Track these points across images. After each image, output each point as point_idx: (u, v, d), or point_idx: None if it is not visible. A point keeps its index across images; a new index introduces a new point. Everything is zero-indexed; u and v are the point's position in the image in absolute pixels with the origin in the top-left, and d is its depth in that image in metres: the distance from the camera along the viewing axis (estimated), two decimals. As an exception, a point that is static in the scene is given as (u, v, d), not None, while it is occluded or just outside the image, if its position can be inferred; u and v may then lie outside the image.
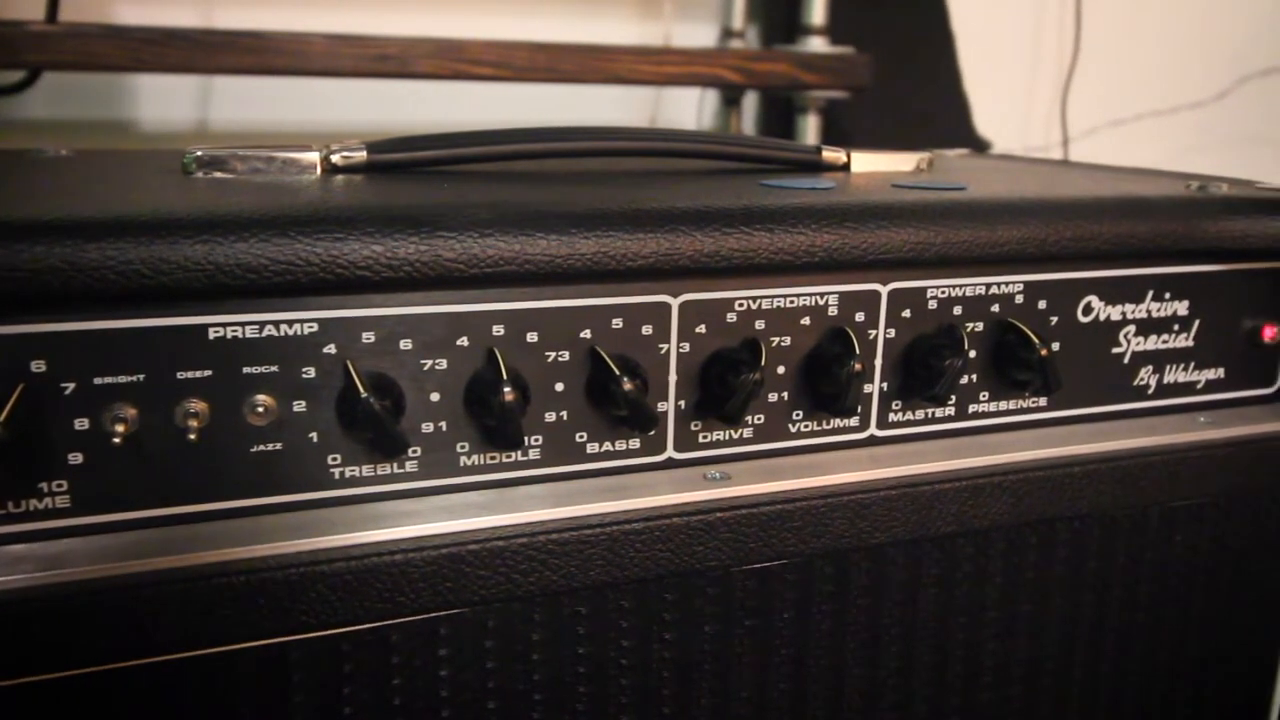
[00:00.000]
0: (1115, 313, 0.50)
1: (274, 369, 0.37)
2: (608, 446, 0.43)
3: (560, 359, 0.41)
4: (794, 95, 1.16)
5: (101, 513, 0.36)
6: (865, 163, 0.57)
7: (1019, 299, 0.48)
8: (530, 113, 1.18)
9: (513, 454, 0.41)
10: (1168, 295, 0.51)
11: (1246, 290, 0.53)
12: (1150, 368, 0.52)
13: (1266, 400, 0.55)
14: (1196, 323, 0.52)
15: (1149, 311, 0.51)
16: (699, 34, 1.23)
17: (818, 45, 1.14)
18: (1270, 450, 0.52)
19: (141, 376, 0.36)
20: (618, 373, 0.40)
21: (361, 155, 0.48)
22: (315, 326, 0.38)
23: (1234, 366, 0.54)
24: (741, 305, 0.43)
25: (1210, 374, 0.53)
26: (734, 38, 1.19)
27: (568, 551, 0.40)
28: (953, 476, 0.46)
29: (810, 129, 1.16)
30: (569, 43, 1.03)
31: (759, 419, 0.45)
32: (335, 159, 0.48)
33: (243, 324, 0.37)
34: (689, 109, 1.25)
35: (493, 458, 0.41)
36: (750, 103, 1.27)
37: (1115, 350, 0.51)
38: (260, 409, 0.37)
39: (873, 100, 1.18)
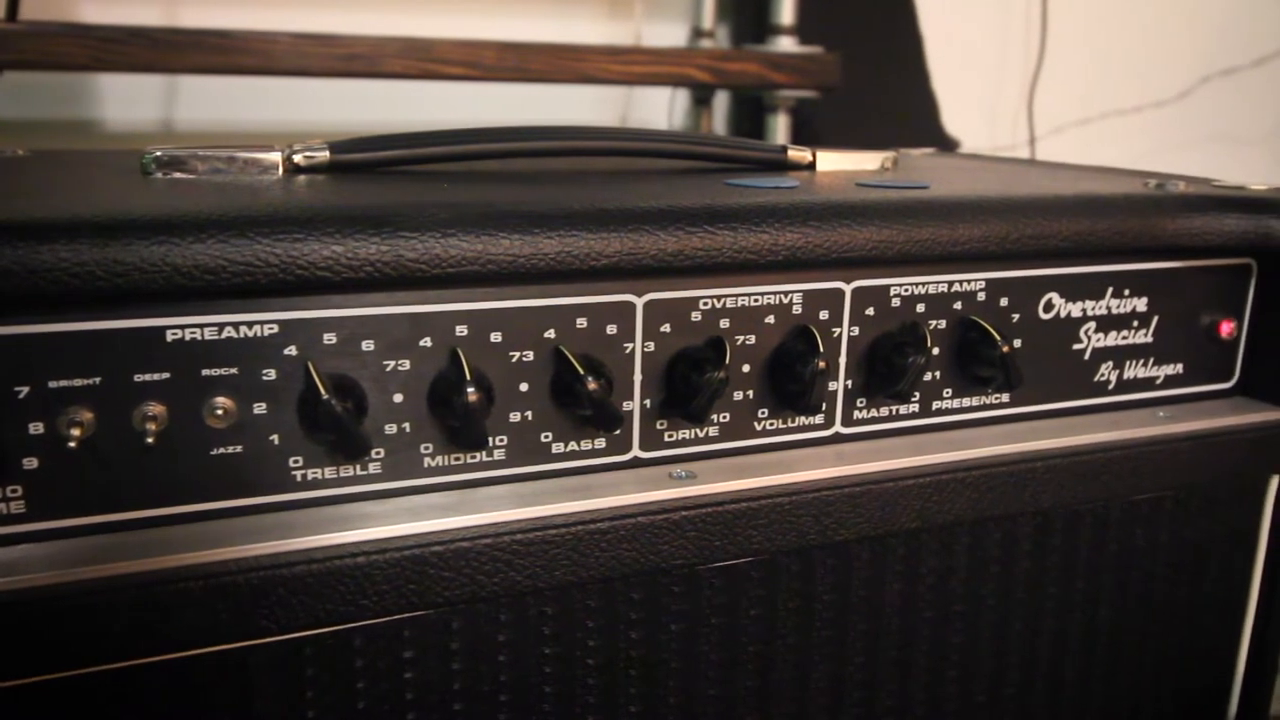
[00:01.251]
0: (1076, 309, 0.51)
1: (234, 371, 0.37)
2: (573, 446, 0.43)
3: (524, 359, 0.41)
4: (764, 95, 1.17)
5: (57, 518, 0.36)
6: (830, 162, 0.58)
7: (981, 296, 0.48)
8: (500, 112, 1.17)
9: (477, 455, 0.41)
10: (1127, 292, 0.52)
11: (1204, 286, 0.54)
12: (1110, 363, 0.53)
13: (1224, 395, 0.56)
14: (1155, 319, 0.53)
15: (1109, 308, 0.52)
16: (669, 34, 1.23)
17: (787, 45, 1.14)
18: (1228, 444, 0.53)
19: (98, 380, 0.35)
20: (582, 372, 0.40)
21: (324, 155, 0.48)
22: (275, 328, 0.37)
23: (1192, 362, 0.55)
24: (706, 304, 0.44)
25: (1169, 369, 0.54)
26: (704, 37, 1.20)
27: (533, 552, 0.40)
28: (917, 473, 0.46)
29: (780, 128, 1.17)
30: (538, 42, 1.03)
31: (724, 417, 0.45)
32: (297, 159, 0.47)
33: (201, 326, 0.36)
34: (660, 108, 1.25)
35: (457, 459, 0.41)
36: (721, 102, 1.28)
37: (1076, 346, 0.51)
38: (220, 411, 0.37)
39: (842, 99, 1.19)
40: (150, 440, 0.36)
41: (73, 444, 0.34)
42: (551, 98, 1.19)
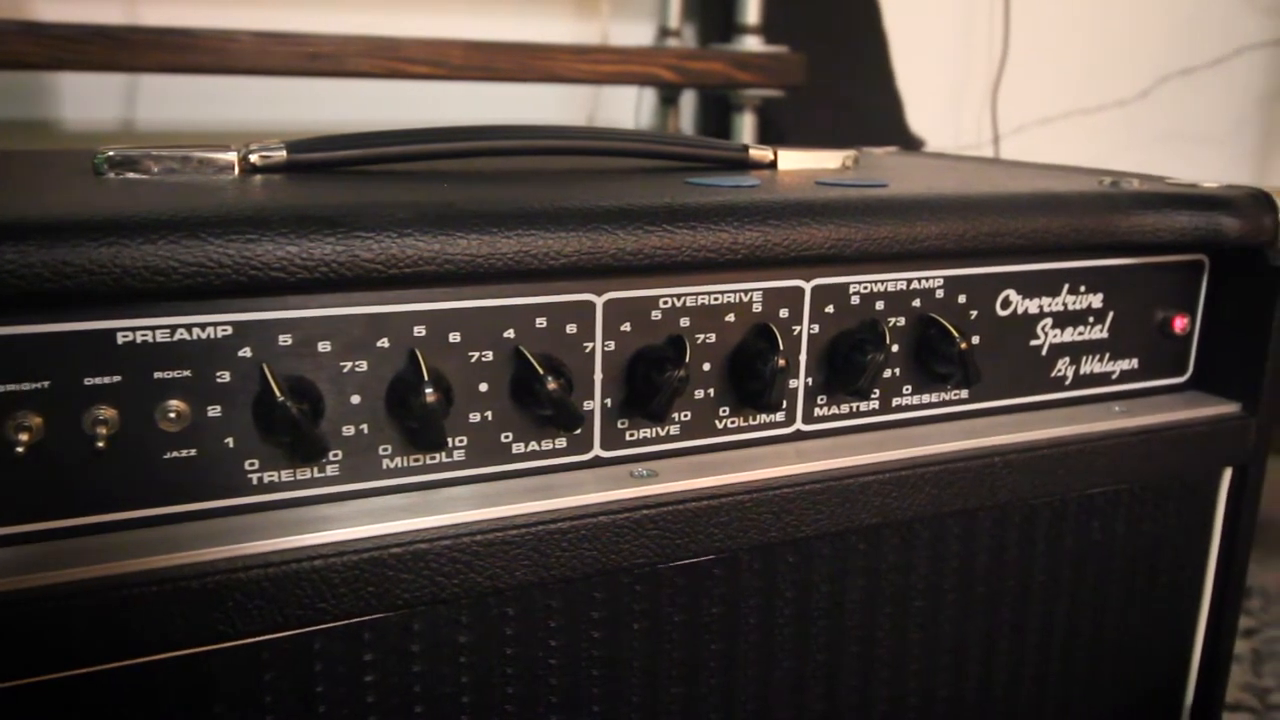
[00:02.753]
0: (1033, 306, 0.51)
1: (186, 373, 0.37)
2: (533, 446, 0.43)
3: (484, 359, 0.41)
4: (730, 94, 1.17)
5: (6, 524, 0.35)
6: (792, 160, 0.58)
7: (939, 294, 0.49)
8: (467, 112, 1.17)
9: (436, 456, 0.41)
10: (1083, 288, 0.53)
11: (1158, 283, 0.55)
12: (1067, 359, 0.53)
13: (1178, 389, 0.57)
14: (1111, 315, 0.54)
15: (1065, 304, 0.52)
16: (636, 33, 1.23)
17: (752, 44, 1.15)
18: (1182, 437, 0.54)
19: (46, 383, 0.35)
20: (542, 372, 0.40)
21: (281, 155, 0.47)
22: (229, 329, 0.37)
23: (1147, 357, 0.55)
24: (666, 303, 0.44)
25: (1124, 364, 0.55)
26: (670, 36, 1.20)
27: (493, 552, 0.40)
28: (877, 469, 0.47)
29: (746, 127, 1.17)
30: (505, 41, 1.02)
31: (685, 416, 0.45)
32: (254, 159, 0.47)
33: (153, 328, 0.36)
34: (627, 108, 1.25)
35: (416, 460, 0.41)
36: (688, 101, 1.28)
37: (1033, 343, 0.52)
38: (173, 415, 0.36)
39: (808, 99, 1.20)
40: (101, 445, 0.35)
41: (20, 449, 0.34)
42: (519, 97, 1.18)
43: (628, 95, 1.25)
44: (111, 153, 0.45)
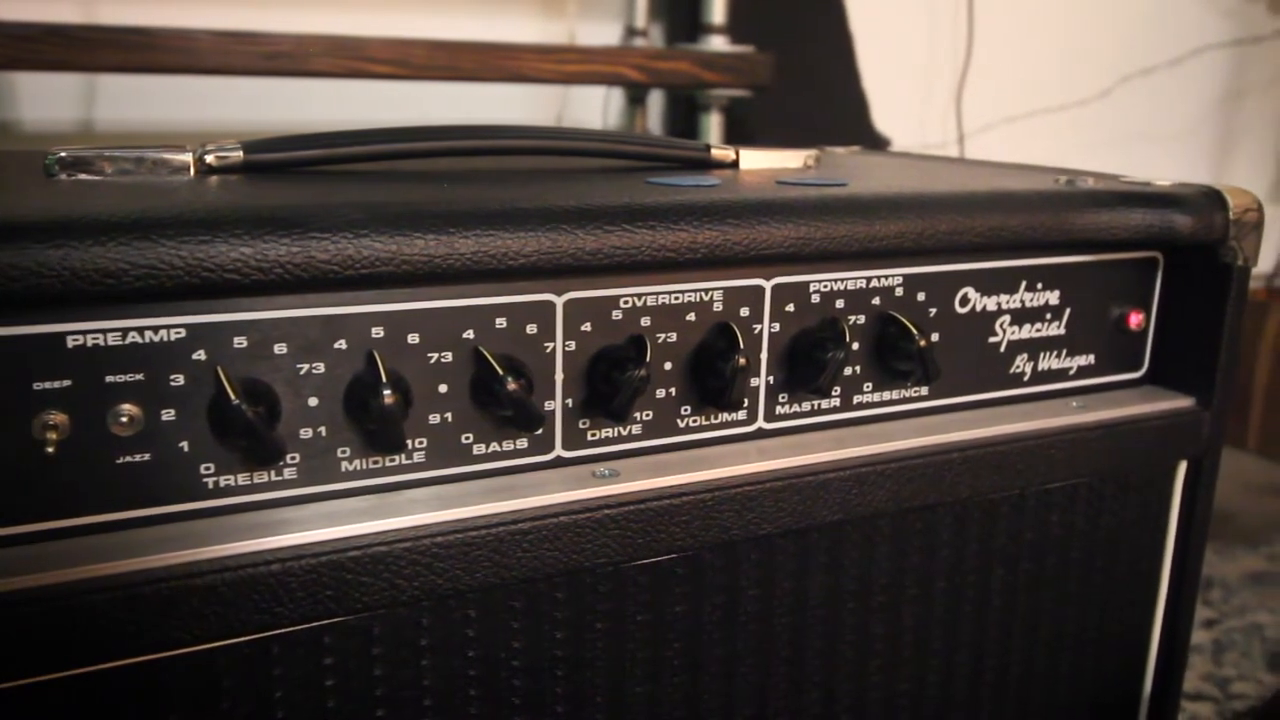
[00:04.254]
0: (991, 303, 0.52)
1: (139, 377, 0.36)
2: (494, 447, 0.43)
3: (443, 360, 0.41)
4: (697, 94, 1.17)
5: (-47, 532, 0.35)
6: (753, 160, 0.58)
7: (899, 291, 0.49)
8: (433, 112, 1.16)
9: (396, 458, 0.41)
10: (1040, 285, 0.53)
11: (1113, 279, 0.55)
12: (1025, 355, 0.54)
13: (1134, 384, 0.58)
14: (1067, 311, 0.54)
15: (1022, 301, 0.53)
16: (604, 33, 1.23)
17: (719, 44, 1.15)
18: (1138, 431, 0.55)
19: (-7, 388, 0.34)
20: (502, 373, 0.40)
21: (237, 155, 0.47)
22: (183, 332, 0.37)
23: (1103, 352, 0.56)
24: (626, 302, 0.44)
25: (1081, 360, 0.56)
26: (637, 36, 1.20)
27: (453, 554, 0.40)
28: (838, 466, 0.47)
29: (713, 127, 1.17)
30: (468, 41, 1.02)
31: (647, 415, 0.45)
32: (209, 159, 0.46)
33: (104, 331, 0.35)
34: (595, 107, 1.25)
35: (375, 462, 0.41)
36: (655, 101, 1.28)
37: (992, 339, 0.53)
38: (125, 419, 0.36)
39: (774, 98, 1.20)
40: (51, 450, 0.34)
41: (-33, 455, 0.33)
42: (485, 97, 1.18)
43: (595, 95, 1.25)
44: (63, 154, 0.45)
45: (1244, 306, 0.55)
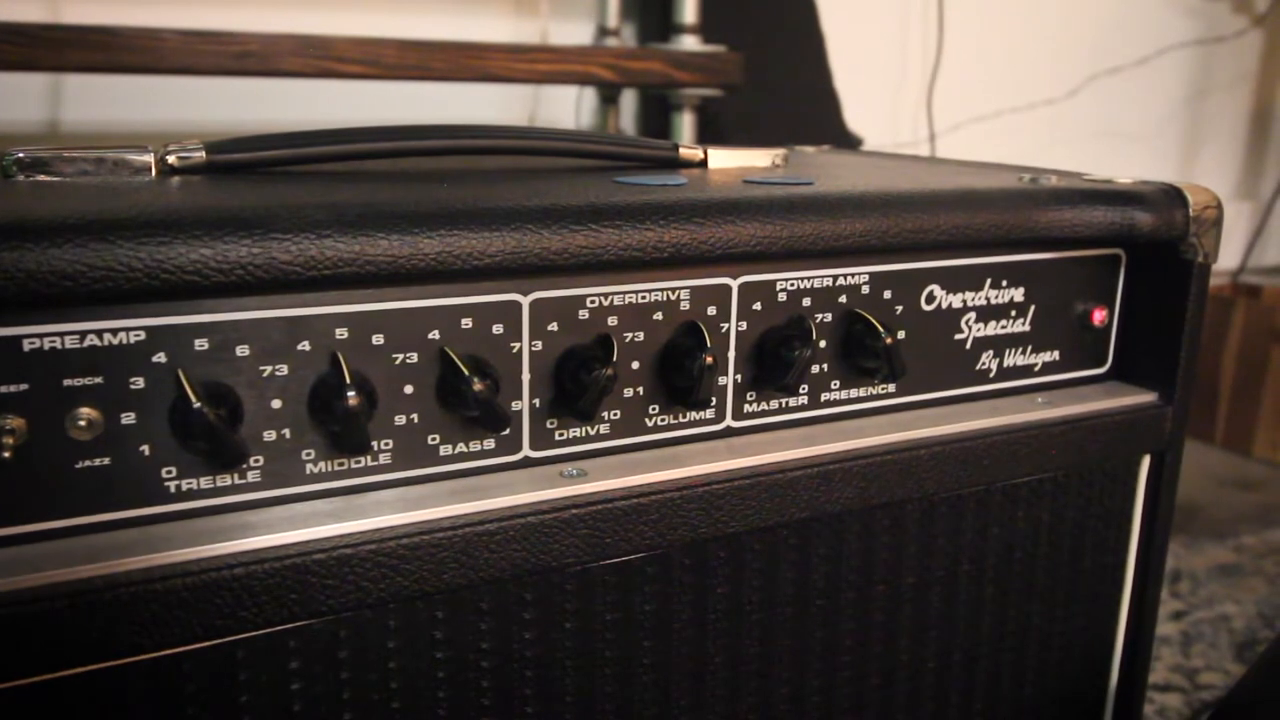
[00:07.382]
0: (956, 300, 0.52)
1: (98, 380, 0.36)
2: (461, 448, 0.43)
3: (409, 361, 0.41)
4: (669, 93, 1.17)
5: (-93, 539, 0.34)
6: (722, 159, 0.58)
7: (865, 289, 0.50)
8: (404, 111, 1.16)
9: (361, 459, 0.41)
10: (1005, 283, 0.54)
11: (1076, 276, 0.56)
12: (991, 352, 0.54)
13: (1098, 380, 0.58)
14: (1032, 308, 0.55)
15: (988, 299, 0.53)
16: (576, 32, 1.23)
17: (690, 44, 1.15)
18: (1103, 427, 0.55)
19: (-53, 393, 0.34)
20: (467, 373, 0.40)
21: (200, 156, 0.46)
22: (143, 335, 0.36)
23: (1068, 349, 0.57)
24: (593, 302, 0.44)
25: (1046, 356, 0.56)
26: (609, 36, 1.20)
27: (420, 556, 0.40)
28: (806, 464, 0.47)
29: (685, 126, 1.18)
30: (439, 40, 1.01)
31: (615, 414, 0.45)
32: (171, 160, 0.46)
33: (61, 334, 0.35)
34: (567, 107, 1.25)
35: (340, 464, 0.40)
36: (628, 101, 1.28)
37: (958, 337, 0.53)
38: (83, 423, 0.35)
39: (746, 98, 1.21)
40: (7, 455, 0.34)
41: (-79, 461, 0.33)
42: (457, 97, 1.18)
43: (568, 95, 1.25)
44: (21, 154, 0.44)
45: (1205, 302, 0.56)
